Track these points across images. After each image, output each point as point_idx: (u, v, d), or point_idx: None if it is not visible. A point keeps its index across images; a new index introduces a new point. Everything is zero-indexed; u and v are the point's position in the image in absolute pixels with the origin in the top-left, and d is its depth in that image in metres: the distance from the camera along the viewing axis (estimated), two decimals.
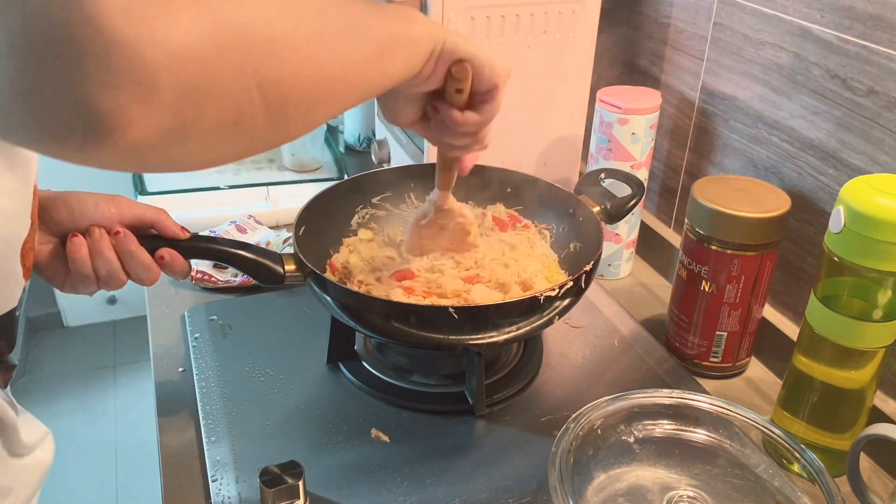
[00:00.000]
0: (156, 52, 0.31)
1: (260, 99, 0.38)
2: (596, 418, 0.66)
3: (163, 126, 0.33)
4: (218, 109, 0.36)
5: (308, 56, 0.41)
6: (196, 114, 0.35)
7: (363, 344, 0.85)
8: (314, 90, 0.42)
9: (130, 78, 0.31)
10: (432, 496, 0.68)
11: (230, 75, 0.36)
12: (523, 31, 0.94)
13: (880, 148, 0.73)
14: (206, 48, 0.34)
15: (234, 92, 0.36)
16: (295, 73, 0.40)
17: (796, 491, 0.63)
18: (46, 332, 2.50)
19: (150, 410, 0.82)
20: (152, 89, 0.32)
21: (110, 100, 0.31)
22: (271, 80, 0.38)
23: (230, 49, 0.35)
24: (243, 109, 0.37)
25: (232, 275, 0.97)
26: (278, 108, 0.39)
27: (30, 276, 0.59)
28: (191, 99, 0.34)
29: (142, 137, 0.33)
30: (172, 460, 0.72)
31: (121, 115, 0.31)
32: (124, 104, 0.31)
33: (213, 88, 0.35)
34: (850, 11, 0.74)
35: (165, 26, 0.32)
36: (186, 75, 0.33)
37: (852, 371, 0.68)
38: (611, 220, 0.84)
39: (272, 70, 0.38)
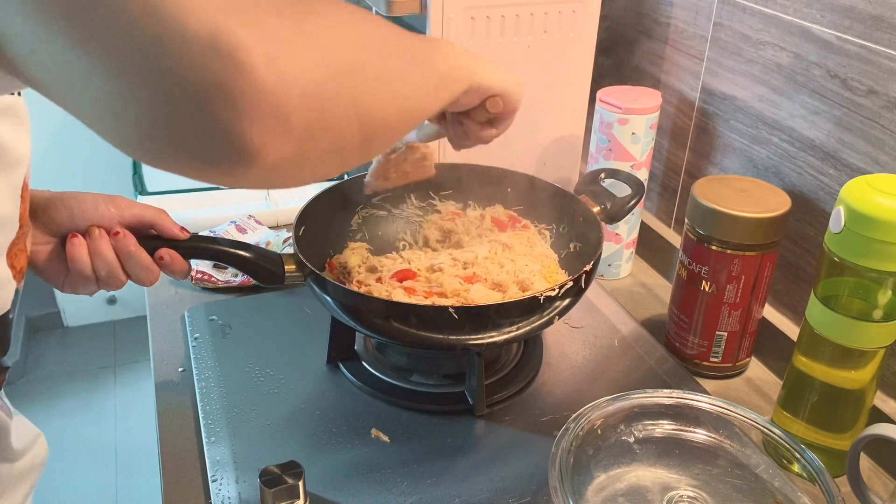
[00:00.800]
0: (292, 95, 0.37)
1: (358, 130, 0.43)
2: (596, 418, 0.66)
3: (291, 154, 0.38)
4: (329, 140, 0.41)
5: (394, 91, 0.46)
6: (314, 143, 0.40)
7: (363, 344, 0.85)
8: (395, 121, 0.47)
9: (272, 116, 0.36)
10: (432, 496, 0.68)
11: (340, 111, 0.41)
12: (523, 31, 0.94)
13: (880, 148, 0.73)
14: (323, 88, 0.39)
15: (341, 125, 0.41)
16: (385, 107, 0.45)
17: (796, 491, 0.63)
18: (46, 332, 2.50)
19: (150, 410, 0.82)
20: (288, 125, 0.37)
21: (257, 134, 0.36)
22: (368, 114, 0.43)
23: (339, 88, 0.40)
24: (345, 139, 0.42)
25: (232, 275, 0.97)
26: (370, 137, 0.44)
27: (23, 279, 0.59)
28: (312, 131, 0.39)
29: (275, 163, 0.38)
30: (172, 460, 0.72)
31: (263, 146, 0.37)
32: (267, 138, 0.37)
33: (328, 122, 0.40)
34: (850, 11, 0.74)
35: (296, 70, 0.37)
36: (311, 112, 0.38)
37: (852, 371, 0.68)
38: (611, 220, 0.84)
39: (369, 105, 0.43)
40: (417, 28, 0.95)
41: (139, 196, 1.13)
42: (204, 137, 0.36)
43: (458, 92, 0.61)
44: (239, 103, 0.35)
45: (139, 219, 0.66)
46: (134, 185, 1.15)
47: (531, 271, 0.79)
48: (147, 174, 1.19)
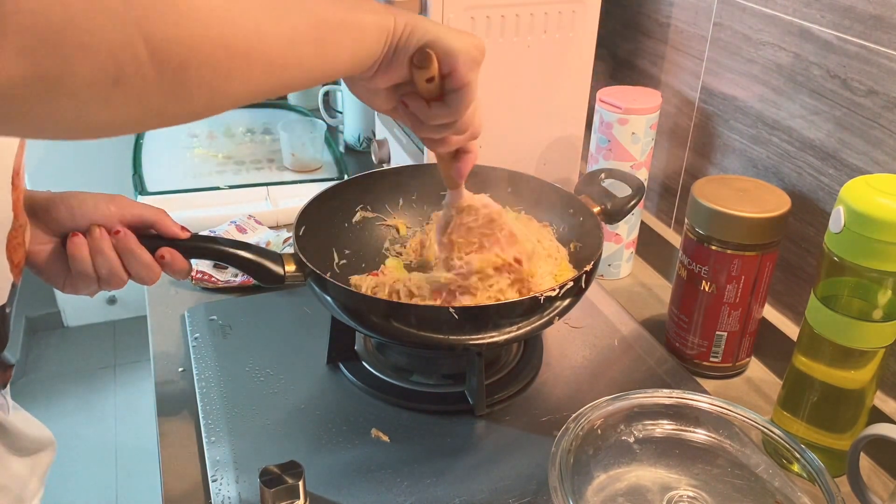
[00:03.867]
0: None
1: (148, 57, 0.33)
2: (596, 418, 0.66)
3: (16, 73, 0.30)
4: (90, 63, 0.32)
5: (214, 18, 0.36)
6: (60, 64, 0.31)
7: (363, 344, 0.85)
8: (223, 58, 0.37)
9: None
10: (432, 496, 0.68)
11: (105, 24, 0.31)
12: (523, 31, 0.94)
13: (880, 148, 0.73)
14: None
15: (112, 44, 0.32)
16: (194, 34, 0.35)
17: (796, 491, 0.63)
18: (46, 332, 2.50)
19: (150, 410, 0.82)
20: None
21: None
22: (163, 37, 0.34)
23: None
24: (125, 67, 0.33)
25: (232, 275, 0.97)
26: (174, 71, 0.35)
27: (21, 274, 0.59)
28: (51, 45, 0.30)
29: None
30: (172, 460, 0.72)
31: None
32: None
33: (81, 36, 0.31)
34: (850, 11, 0.74)
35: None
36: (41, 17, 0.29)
37: (852, 371, 0.68)
38: (611, 220, 0.84)
39: (164, 26, 0.34)
40: None
41: (139, 196, 1.13)
42: None
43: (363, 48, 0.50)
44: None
45: (140, 218, 0.66)
46: (134, 185, 1.15)
47: (544, 273, 0.78)
48: (147, 174, 1.19)
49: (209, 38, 0.36)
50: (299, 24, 0.43)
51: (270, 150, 1.31)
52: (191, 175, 1.21)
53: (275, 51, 0.41)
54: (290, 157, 1.24)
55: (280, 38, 0.41)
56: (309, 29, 0.44)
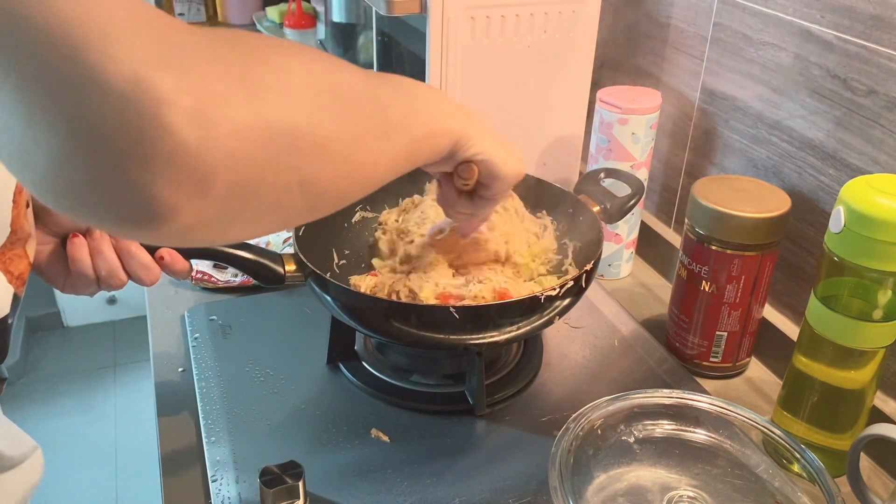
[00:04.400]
0: (216, 154, 0.34)
1: (300, 194, 0.40)
2: (596, 418, 0.66)
3: (211, 215, 0.36)
4: (262, 203, 0.38)
5: (347, 158, 0.43)
6: (242, 206, 0.37)
7: (363, 344, 0.85)
8: (349, 186, 0.44)
9: (191, 177, 0.33)
10: (432, 496, 0.68)
11: (276, 175, 0.38)
12: (523, 31, 0.94)
13: (880, 148, 0.73)
14: (258, 151, 0.36)
15: (278, 189, 0.38)
16: (334, 173, 0.42)
17: (796, 491, 0.63)
18: (46, 332, 2.50)
19: (150, 410, 0.82)
20: (208, 187, 0.34)
21: (171, 194, 0.33)
22: (312, 180, 0.40)
23: (279, 152, 0.37)
24: (283, 202, 0.39)
25: (232, 275, 0.97)
26: (314, 200, 0.42)
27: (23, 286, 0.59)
28: (240, 194, 0.36)
29: (192, 224, 0.35)
30: (172, 460, 0.72)
31: (176, 207, 0.34)
32: (183, 199, 0.34)
33: (261, 186, 0.37)
34: (850, 11, 0.74)
35: (225, 131, 0.34)
36: (238, 175, 0.35)
37: (852, 371, 0.68)
38: (611, 219, 0.84)
39: (314, 170, 0.40)
40: (418, 28, 0.95)
41: None
42: (114, 196, 0.33)
43: (437, 154, 0.56)
44: (153, 162, 0.32)
45: None
46: None
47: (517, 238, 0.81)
48: None
49: (342, 176, 0.43)
50: (400, 148, 0.49)
51: None
52: None
53: (383, 173, 0.48)
54: None
55: (388, 162, 0.48)
56: (406, 149, 0.50)
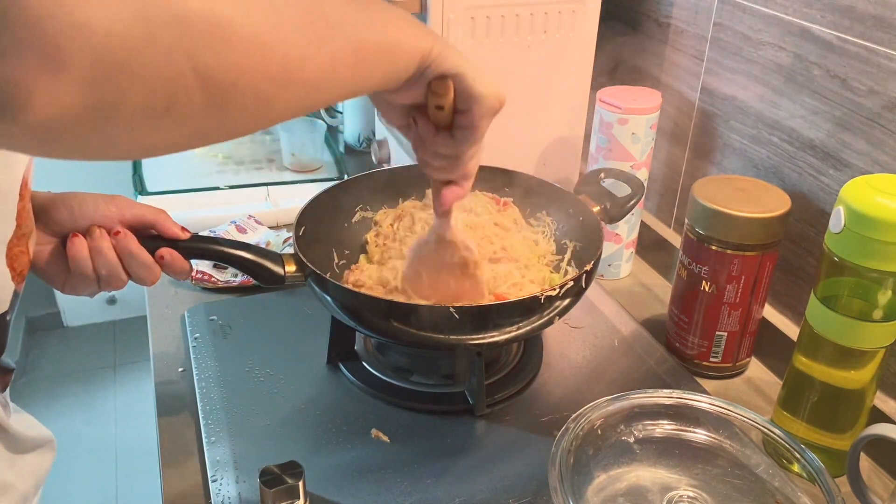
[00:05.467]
0: (64, 23, 0.29)
1: (197, 85, 0.35)
2: (596, 418, 0.66)
3: (76, 104, 0.31)
4: (144, 92, 0.33)
5: (260, 46, 0.37)
6: (117, 95, 0.32)
7: (363, 344, 0.85)
8: (265, 85, 0.38)
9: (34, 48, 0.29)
10: (432, 496, 0.68)
11: (160, 56, 0.33)
12: (523, 31, 0.94)
13: (880, 148, 0.73)
14: (130, 24, 0.31)
15: (165, 75, 0.33)
16: (240, 63, 0.37)
17: (796, 491, 0.63)
18: (46, 332, 2.50)
19: (150, 410, 0.82)
20: (60, 63, 0.29)
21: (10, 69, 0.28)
22: (210, 67, 0.35)
23: (160, 28, 0.32)
24: (177, 95, 0.34)
25: (232, 275, 0.97)
26: (220, 97, 0.36)
27: (23, 281, 0.59)
28: (110, 78, 0.31)
29: (52, 114, 0.31)
30: (172, 460, 0.72)
31: (24, 86, 0.29)
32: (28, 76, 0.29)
33: (139, 68, 0.32)
34: (850, 11, 0.74)
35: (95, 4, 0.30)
36: (104, 52, 0.30)
37: (852, 371, 0.68)
38: (611, 219, 0.84)
39: (213, 57, 0.35)
40: None
41: (139, 196, 1.13)
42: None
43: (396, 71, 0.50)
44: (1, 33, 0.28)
45: (140, 219, 0.66)
46: (134, 185, 1.15)
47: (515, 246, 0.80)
48: (147, 174, 1.19)
49: (254, 67, 0.37)
50: (340, 50, 0.43)
51: (270, 151, 1.31)
52: (191, 175, 1.21)
53: (315, 76, 0.42)
54: (290, 157, 1.24)
55: (321, 64, 0.42)
56: (349, 54, 0.44)
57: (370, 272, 0.80)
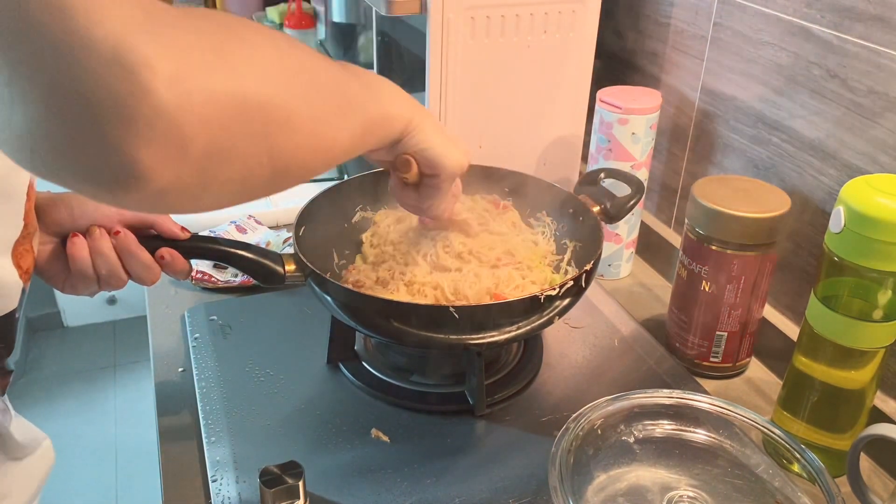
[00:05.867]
0: (192, 118, 0.35)
1: (268, 164, 0.42)
2: (596, 418, 0.66)
3: (187, 179, 0.37)
4: (232, 169, 0.40)
5: (313, 130, 0.45)
6: (216, 172, 0.39)
7: (363, 344, 0.85)
8: (311, 159, 0.46)
9: (169, 139, 0.34)
10: (432, 496, 0.68)
11: (248, 144, 0.39)
12: (523, 31, 0.94)
13: (880, 148, 0.73)
14: (233, 118, 0.38)
15: (248, 156, 0.40)
16: (300, 145, 0.44)
17: (796, 491, 0.63)
18: (46, 332, 2.50)
19: (150, 410, 0.82)
20: (185, 149, 0.35)
21: (148, 156, 0.34)
22: (280, 149, 0.42)
23: (251, 121, 0.39)
24: (252, 170, 0.41)
25: (232, 275, 0.97)
26: (281, 171, 0.43)
27: (29, 279, 0.59)
28: (215, 159, 0.38)
29: (166, 187, 0.36)
30: (172, 460, 0.72)
31: (154, 169, 0.35)
32: (160, 161, 0.35)
33: (234, 153, 0.39)
34: (850, 11, 0.74)
35: (202, 98, 0.35)
36: (214, 140, 0.37)
37: (852, 371, 0.68)
38: (611, 219, 0.84)
39: (282, 141, 0.42)
40: (418, 28, 0.95)
41: None
42: (93, 156, 0.34)
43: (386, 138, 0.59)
44: (134, 123, 0.33)
45: (140, 219, 0.66)
46: None
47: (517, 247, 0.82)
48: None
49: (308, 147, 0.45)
50: (357, 125, 0.52)
51: None
52: None
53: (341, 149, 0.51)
54: None
55: (345, 139, 0.50)
56: (362, 127, 0.53)
57: (367, 272, 0.80)
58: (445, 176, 0.65)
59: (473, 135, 0.98)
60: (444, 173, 0.65)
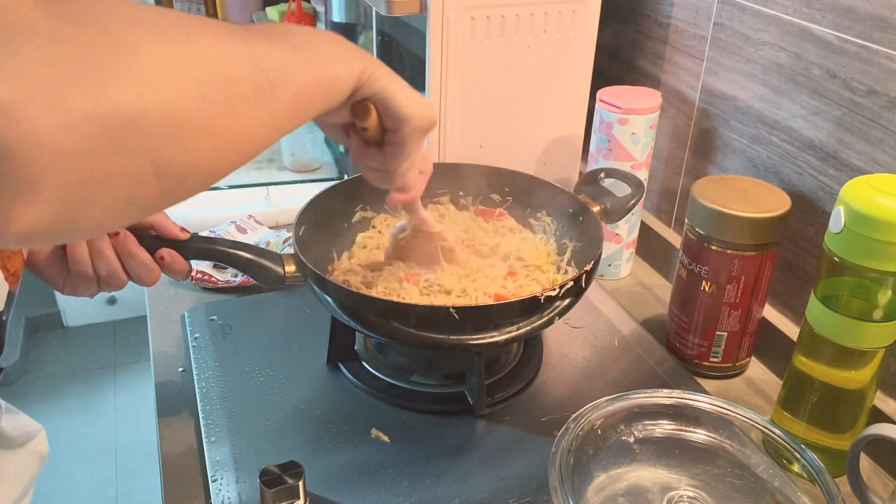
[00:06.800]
0: (40, 153, 0.30)
1: (154, 179, 0.36)
2: (596, 418, 0.66)
3: (49, 216, 0.32)
4: (107, 195, 0.35)
5: (213, 130, 0.38)
6: (85, 202, 0.34)
7: (363, 344, 0.85)
8: (216, 160, 0.40)
9: (12, 182, 0.30)
10: (432, 496, 0.68)
11: (123, 164, 0.34)
12: (523, 31, 0.94)
13: (880, 148, 0.73)
14: (97, 142, 0.32)
15: (125, 177, 0.35)
16: (196, 151, 0.38)
17: (796, 491, 0.63)
18: (46, 332, 2.50)
19: (150, 410, 0.82)
20: (36, 189, 0.31)
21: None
22: (168, 161, 0.36)
23: (124, 139, 0.33)
24: (135, 190, 0.36)
25: (232, 275, 0.97)
26: (175, 183, 0.38)
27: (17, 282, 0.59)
28: (79, 191, 0.33)
29: (26, 229, 0.32)
30: (172, 460, 0.72)
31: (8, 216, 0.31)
32: (9, 207, 0.31)
33: (105, 178, 0.34)
34: (850, 11, 0.74)
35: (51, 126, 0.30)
36: (73, 172, 0.32)
37: (852, 371, 0.68)
38: (611, 219, 0.84)
39: (170, 151, 0.36)
40: (418, 28, 0.95)
41: None
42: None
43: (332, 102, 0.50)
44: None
45: None
46: None
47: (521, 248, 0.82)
48: None
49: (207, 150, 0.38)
50: (282, 102, 0.44)
51: (270, 150, 1.31)
52: None
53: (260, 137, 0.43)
54: (290, 157, 1.24)
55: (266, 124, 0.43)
56: (290, 103, 0.45)
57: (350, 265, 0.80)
58: (411, 128, 0.57)
59: (473, 135, 0.98)
60: (408, 124, 0.56)
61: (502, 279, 0.78)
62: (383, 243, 0.85)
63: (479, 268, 0.79)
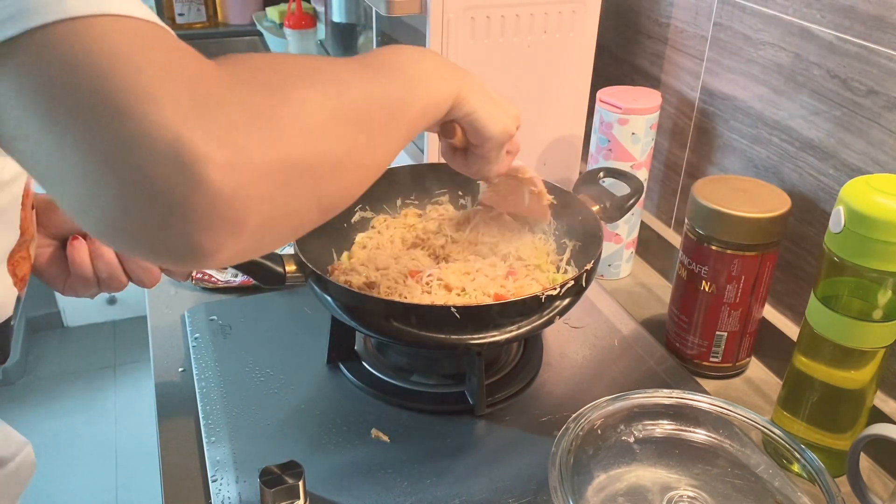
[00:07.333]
0: (248, 200, 0.37)
1: (317, 211, 0.44)
2: (596, 418, 0.66)
3: (245, 248, 0.39)
4: (285, 227, 0.42)
5: (358, 165, 0.46)
6: (269, 234, 0.41)
7: (363, 344, 0.85)
8: (359, 185, 0.47)
9: (227, 223, 0.37)
10: (432, 496, 0.68)
11: (298, 203, 0.41)
12: (523, 31, 0.94)
13: (880, 148, 0.73)
14: (281, 188, 0.39)
15: (299, 212, 0.42)
16: (347, 184, 0.45)
17: (796, 491, 0.63)
18: (46, 332, 2.50)
19: (150, 410, 0.82)
20: (242, 227, 0.37)
21: (209, 240, 0.36)
22: (329, 194, 0.44)
23: (301, 185, 0.40)
24: (303, 220, 0.43)
25: (232, 275, 0.97)
26: (330, 210, 0.45)
27: (25, 286, 0.59)
28: (268, 226, 0.40)
29: (229, 258, 0.39)
30: (172, 460, 0.72)
31: (216, 248, 0.37)
32: (221, 242, 0.37)
33: (283, 215, 0.40)
34: (850, 11, 0.74)
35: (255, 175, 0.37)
36: (266, 212, 0.38)
37: (852, 371, 0.68)
38: (610, 218, 0.84)
39: (331, 189, 0.43)
40: (418, 28, 0.95)
41: None
42: (163, 241, 0.36)
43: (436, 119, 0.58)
44: (194, 216, 0.35)
45: None
46: None
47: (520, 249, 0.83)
48: None
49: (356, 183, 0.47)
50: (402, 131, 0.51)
51: None
52: None
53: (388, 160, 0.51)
54: None
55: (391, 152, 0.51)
56: (406, 131, 0.52)
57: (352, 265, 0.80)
58: (491, 145, 0.65)
59: None
60: (489, 142, 0.64)
61: (502, 279, 0.78)
62: (383, 243, 0.86)
63: (479, 267, 0.79)
